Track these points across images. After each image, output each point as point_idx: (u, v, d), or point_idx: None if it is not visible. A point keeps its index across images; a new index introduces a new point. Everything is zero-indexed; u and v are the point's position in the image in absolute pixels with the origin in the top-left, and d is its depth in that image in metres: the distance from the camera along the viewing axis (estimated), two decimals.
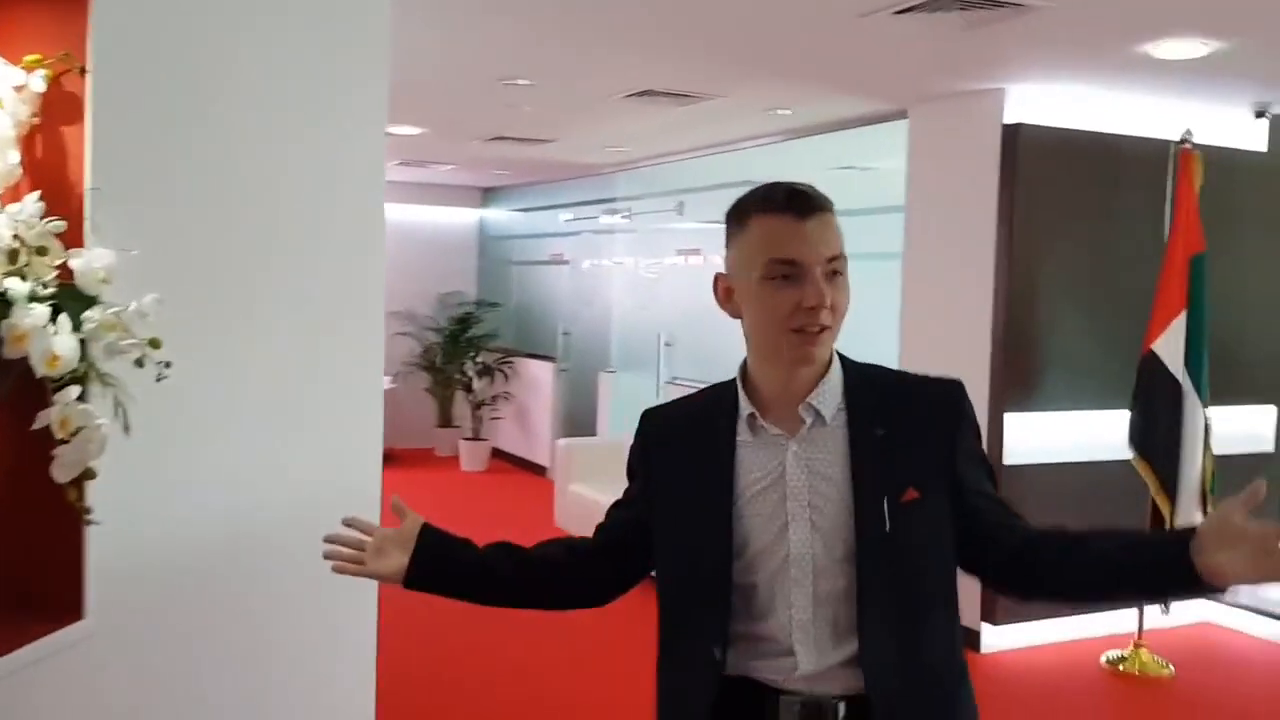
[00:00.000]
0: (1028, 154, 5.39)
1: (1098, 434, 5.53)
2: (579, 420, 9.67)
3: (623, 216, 9.40)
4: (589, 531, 1.83)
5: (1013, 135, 5.40)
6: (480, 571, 1.74)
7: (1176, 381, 5.02)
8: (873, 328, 6.68)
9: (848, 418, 1.58)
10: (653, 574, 1.74)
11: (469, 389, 10.76)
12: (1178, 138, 5.18)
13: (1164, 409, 5.04)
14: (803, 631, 1.55)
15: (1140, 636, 5.28)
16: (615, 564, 1.77)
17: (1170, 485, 5.03)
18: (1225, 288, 5.43)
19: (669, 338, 8.69)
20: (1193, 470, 5.01)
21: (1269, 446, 5.96)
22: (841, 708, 1.53)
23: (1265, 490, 1.43)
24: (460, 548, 1.75)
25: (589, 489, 7.30)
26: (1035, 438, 5.49)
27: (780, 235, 1.52)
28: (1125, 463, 5.34)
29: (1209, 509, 5.17)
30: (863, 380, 1.63)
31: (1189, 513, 5.01)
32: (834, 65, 5.10)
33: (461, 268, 11.91)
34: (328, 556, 1.71)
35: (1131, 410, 5.17)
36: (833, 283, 1.53)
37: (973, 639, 5.53)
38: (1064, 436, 5.55)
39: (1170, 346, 5.02)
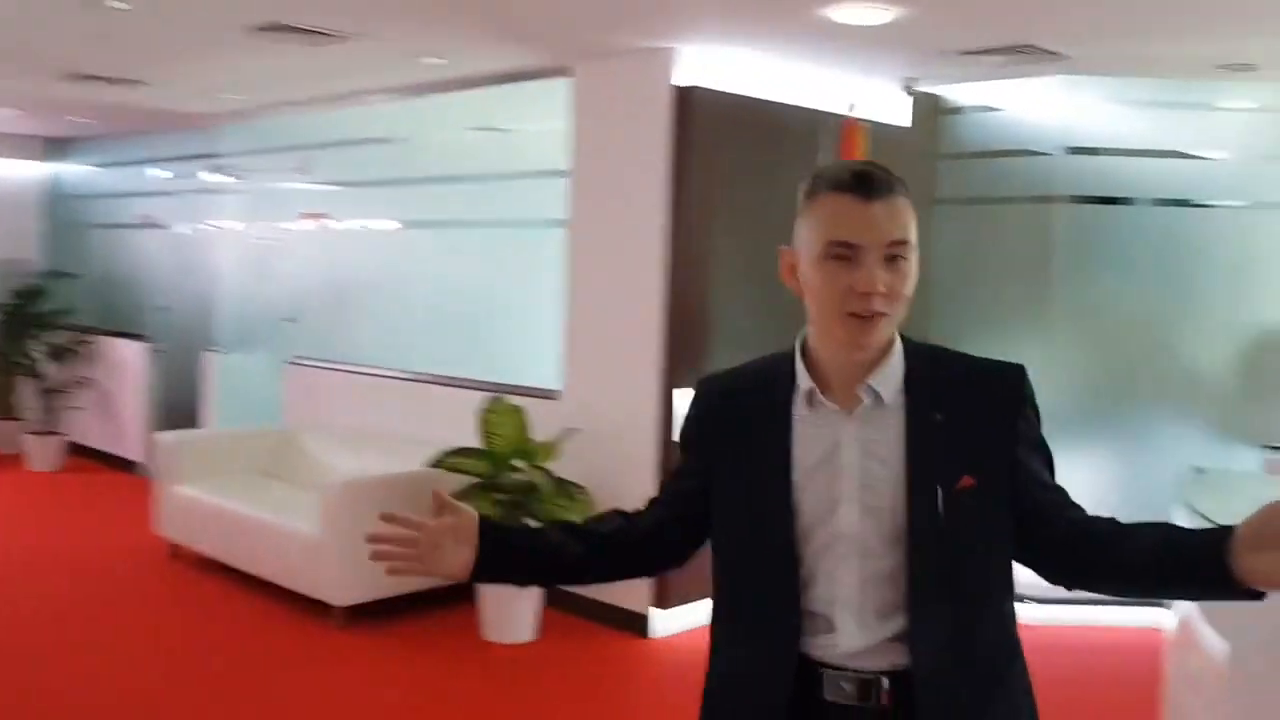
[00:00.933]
0: (700, 119, 5.21)
1: None
2: (179, 409, 8.47)
3: (232, 175, 8.30)
4: (199, 540, 1.33)
5: (685, 98, 5.18)
6: (550, 554, 1.72)
7: None
8: (528, 297, 6.32)
9: (906, 401, 1.57)
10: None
11: (35, 374, 9.13)
12: (843, 109, 5.21)
13: None
14: (846, 609, 1.56)
15: None
16: (683, 530, 1.74)
17: None
18: None
19: (291, 313, 7.78)
20: None
21: None
22: (885, 682, 1.54)
23: None
24: (524, 534, 1.85)
25: (200, 490, 6.28)
26: None
27: (841, 215, 1.51)
28: None
29: None
30: (924, 363, 1.61)
31: None
32: (494, 9, 4.61)
33: (21, 231, 10.13)
34: (376, 557, 1.63)
35: None
36: (893, 267, 1.51)
37: (639, 623, 5.32)
38: None
39: None
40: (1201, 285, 5.82)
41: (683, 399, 5.05)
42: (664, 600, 5.31)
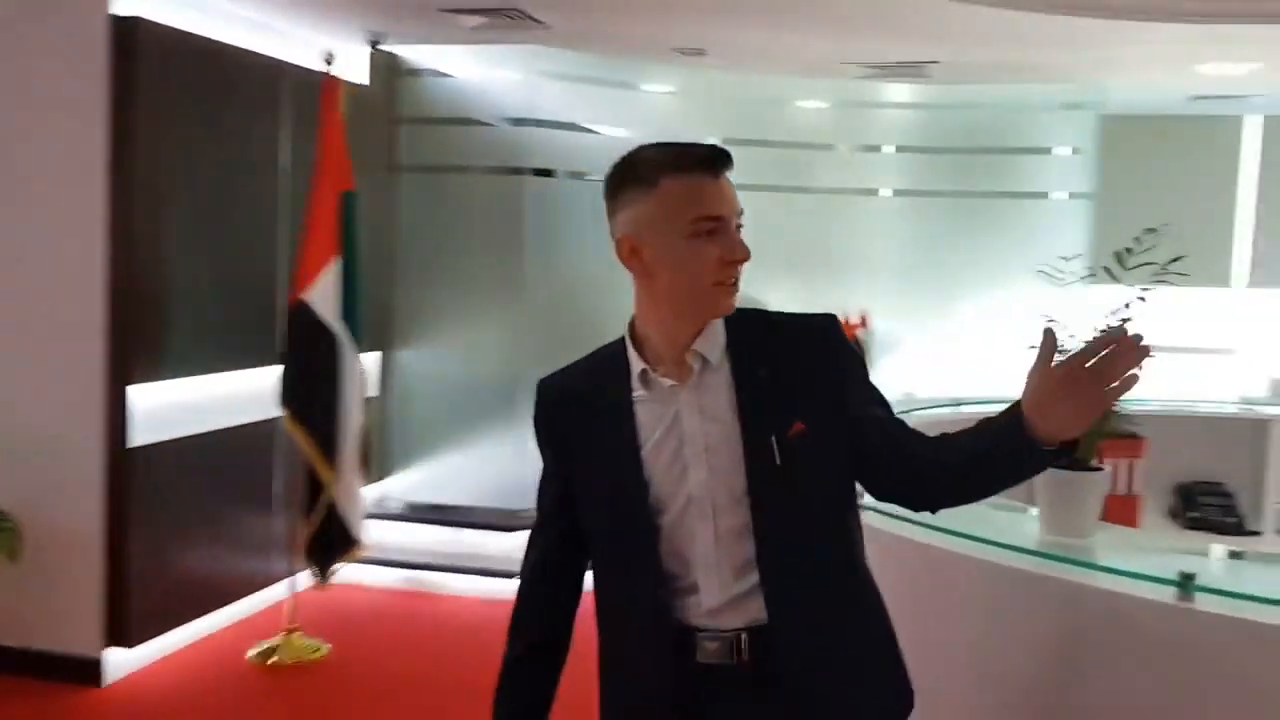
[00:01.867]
0: (148, 59, 4.34)
1: (235, 397, 4.86)
2: None
3: None
4: None
5: (128, 33, 4.28)
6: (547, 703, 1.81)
7: (331, 332, 4.56)
8: None
9: (731, 362, 1.66)
10: None
11: None
12: (317, 61, 4.67)
13: (319, 363, 4.57)
14: (706, 568, 1.64)
15: (292, 621, 4.76)
16: (578, 538, 1.77)
17: (329, 444, 4.58)
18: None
19: None
20: (352, 425, 4.63)
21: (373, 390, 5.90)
22: (744, 637, 1.63)
23: (1054, 335, 1.49)
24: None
25: None
26: (167, 411, 4.54)
27: (702, 194, 1.59)
28: (271, 423, 4.80)
29: (370, 466, 4.90)
30: (741, 324, 1.69)
31: (349, 471, 4.64)
32: None
33: None
34: None
35: (283, 366, 4.57)
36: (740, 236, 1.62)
37: (89, 671, 4.39)
38: (200, 404, 4.72)
39: (323, 294, 4.53)
40: None
41: (142, 397, 4.31)
42: (123, 636, 4.42)
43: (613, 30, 5.19)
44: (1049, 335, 1.49)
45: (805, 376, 1.67)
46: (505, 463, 5.78)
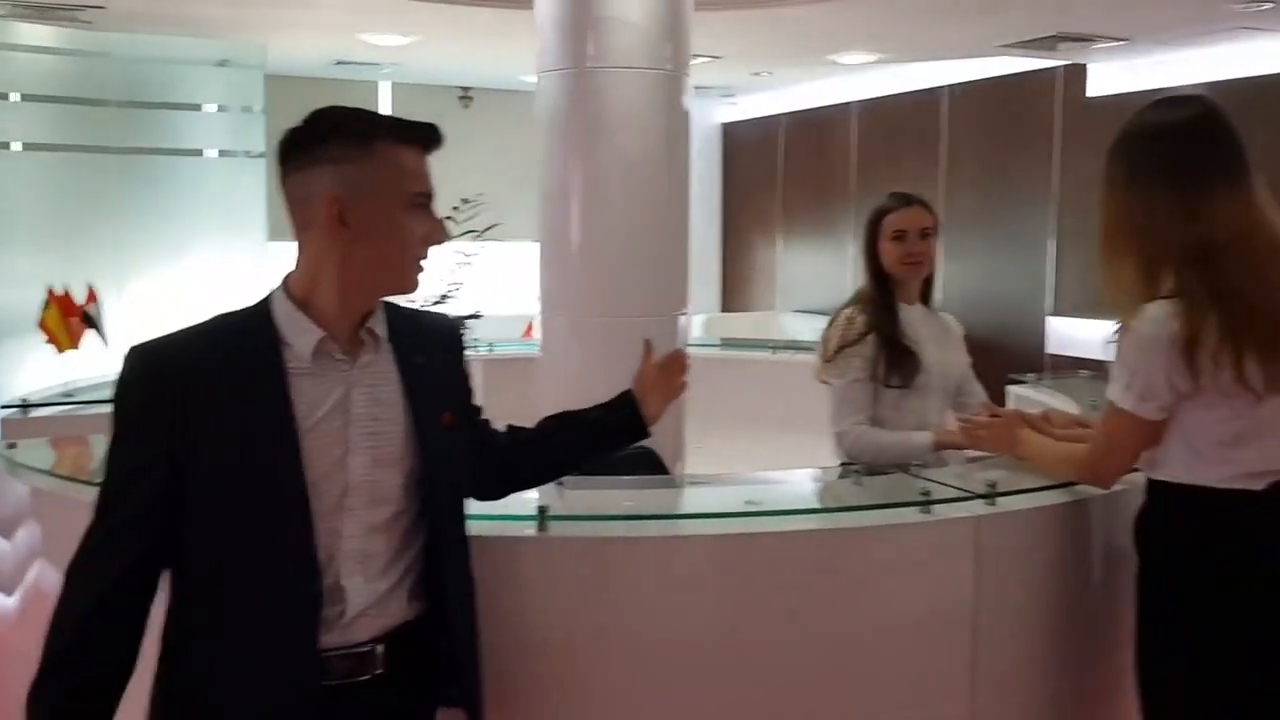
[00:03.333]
0: None
1: None
2: None
3: None
4: None
5: None
6: None
7: None
8: None
9: (394, 348, 1.63)
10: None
11: None
12: None
13: None
14: (352, 564, 1.55)
15: None
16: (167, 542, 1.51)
17: None
18: None
19: None
20: None
21: None
22: (379, 649, 1.56)
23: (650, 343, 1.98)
24: None
25: None
26: None
27: (419, 168, 1.58)
28: None
29: None
30: (394, 310, 1.66)
31: None
32: None
33: None
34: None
35: None
36: None
37: None
38: None
39: None
40: None
41: None
42: None
43: None
44: (648, 344, 1.95)
45: (448, 370, 1.71)
46: None
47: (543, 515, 2.09)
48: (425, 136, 1.59)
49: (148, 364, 1.53)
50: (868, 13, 5.50)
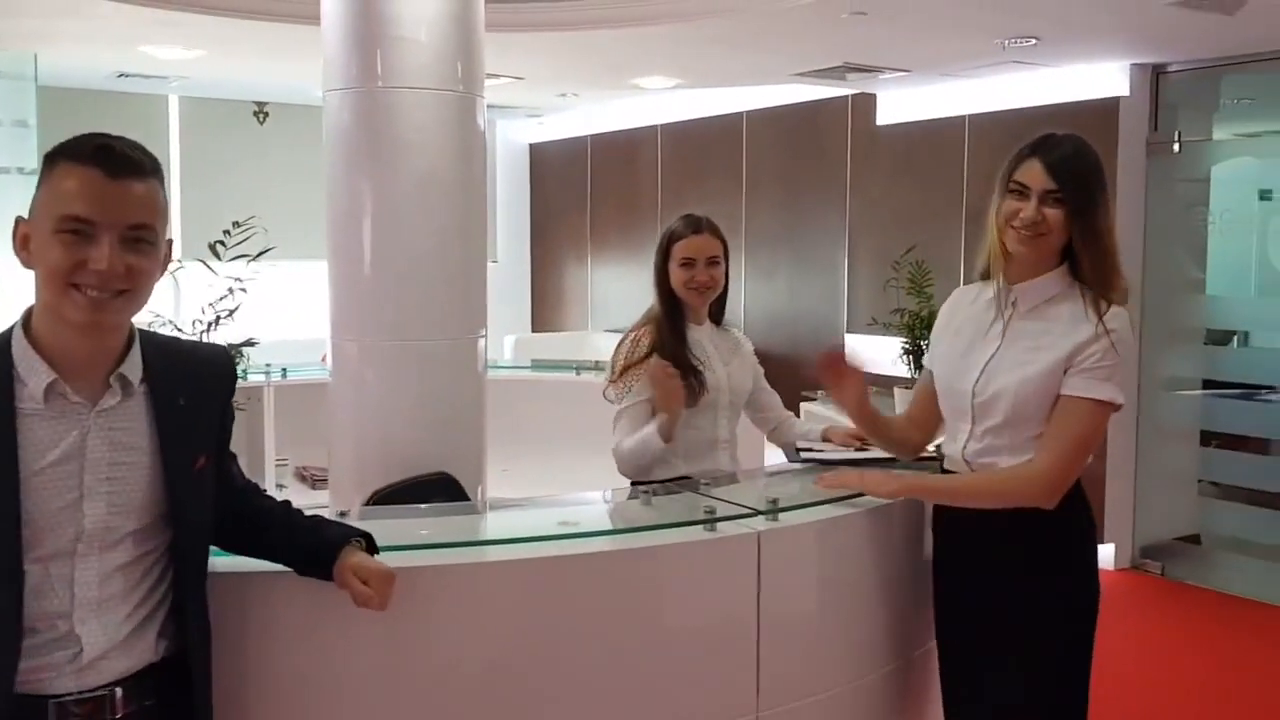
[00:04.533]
0: None
1: None
2: None
3: None
4: None
5: None
6: None
7: None
8: None
9: (149, 387, 1.56)
10: None
11: None
12: None
13: None
14: (87, 609, 1.50)
15: None
16: None
17: None
18: None
19: None
20: None
21: None
22: (119, 693, 1.52)
23: None
24: None
25: None
26: None
27: (81, 190, 1.45)
28: None
29: None
30: (156, 348, 1.60)
31: None
32: None
33: None
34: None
35: None
36: (134, 250, 1.47)
37: None
38: None
39: None
40: None
41: None
42: None
43: None
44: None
45: (207, 410, 1.64)
46: None
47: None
48: (96, 156, 1.46)
49: None
50: (663, 40, 5.60)
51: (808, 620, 2.28)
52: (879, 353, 4.13)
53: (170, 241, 1.57)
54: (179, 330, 2.02)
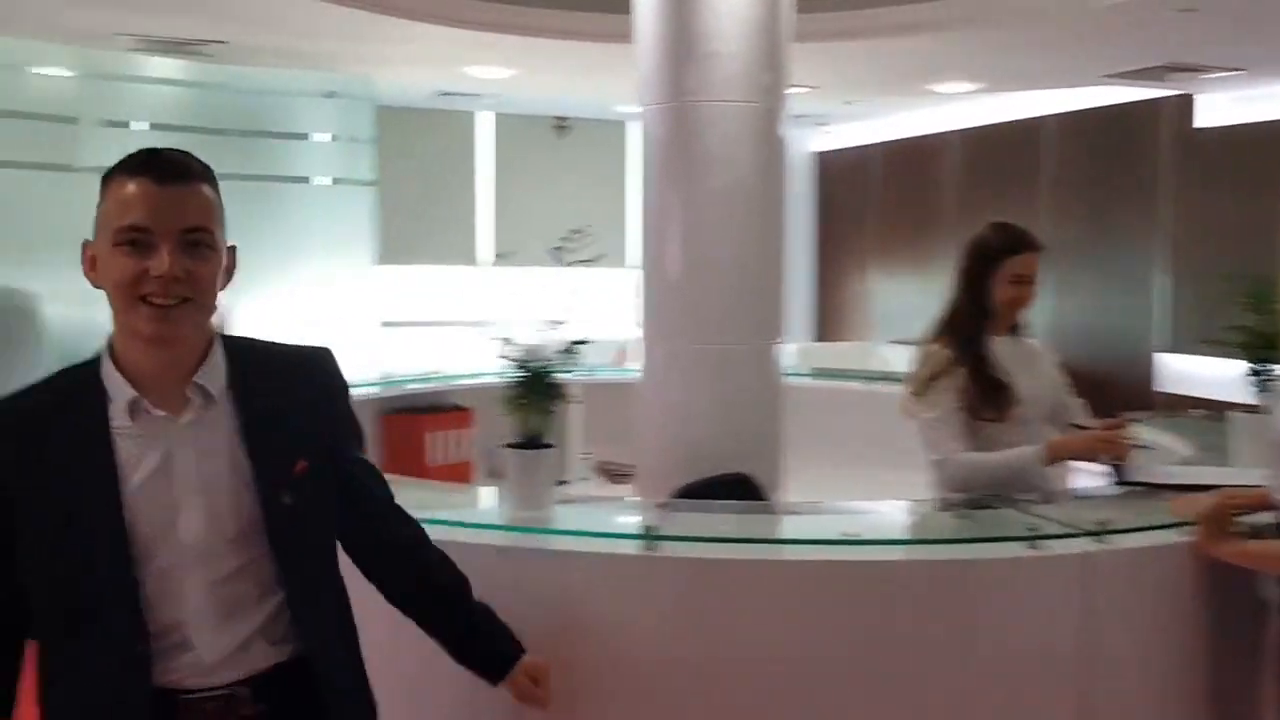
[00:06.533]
0: None
1: None
2: None
3: None
4: None
5: None
6: None
7: None
8: None
9: (234, 394, 1.55)
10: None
11: None
12: None
13: None
14: (200, 619, 1.51)
15: None
16: (16, 604, 1.52)
17: None
18: None
19: None
20: None
21: None
22: (243, 692, 1.53)
23: None
24: None
25: None
26: None
27: (136, 200, 1.45)
28: None
29: None
30: (242, 354, 1.59)
31: None
32: None
33: None
34: None
35: None
36: (193, 255, 1.47)
37: None
38: None
39: None
40: None
41: None
42: None
43: None
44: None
45: (306, 412, 1.61)
46: None
47: (649, 534, 2.14)
48: (145, 166, 1.45)
49: None
50: (968, 43, 5.46)
51: (1134, 654, 2.16)
52: (1211, 373, 3.84)
53: (233, 248, 1.54)
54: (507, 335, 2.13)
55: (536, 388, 2.28)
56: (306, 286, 6.79)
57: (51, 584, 1.50)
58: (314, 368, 1.66)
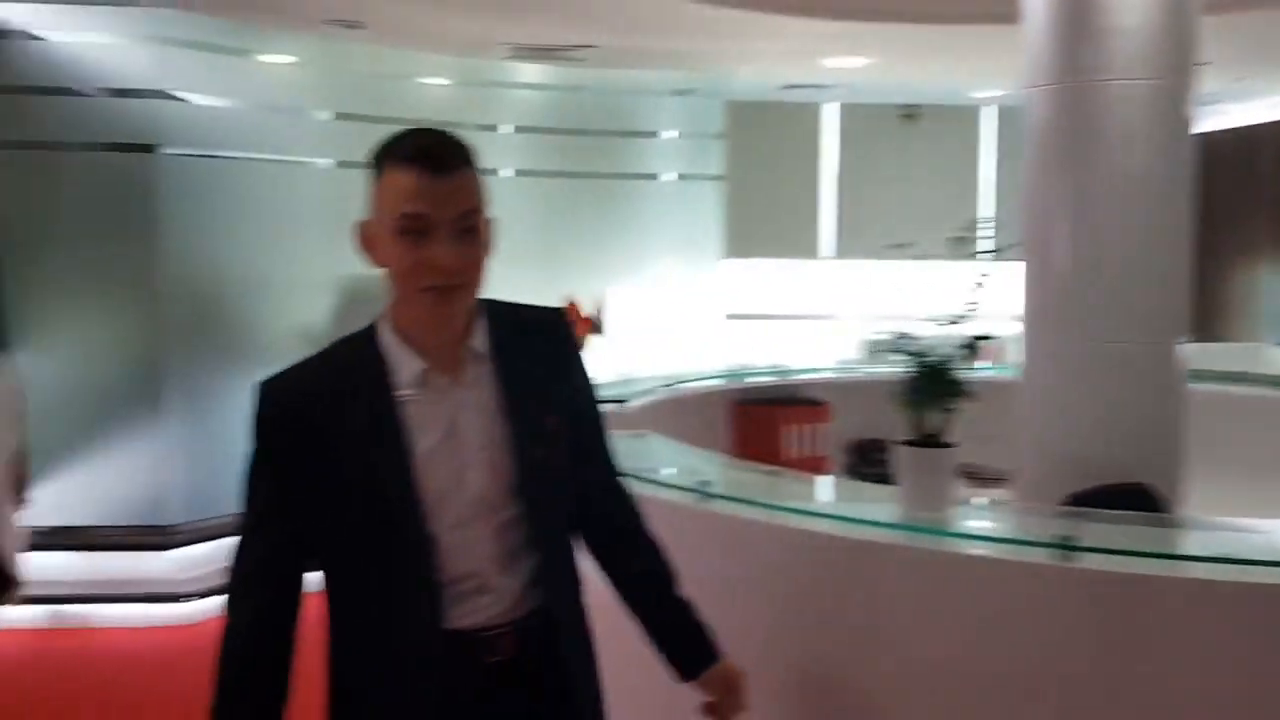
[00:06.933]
0: None
1: None
2: None
3: None
4: None
5: None
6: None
7: None
8: None
9: (495, 354, 1.63)
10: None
11: None
12: None
13: None
14: (492, 564, 1.60)
15: None
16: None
17: None
18: None
19: None
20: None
21: None
22: (532, 626, 1.62)
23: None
24: None
25: None
26: None
27: (412, 188, 1.50)
28: None
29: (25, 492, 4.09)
30: (497, 315, 1.66)
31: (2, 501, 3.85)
32: None
33: None
34: None
35: None
36: (466, 239, 1.53)
37: None
38: None
39: None
40: (301, 240, 5.73)
41: None
42: None
43: None
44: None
45: (551, 369, 1.68)
46: (145, 474, 5.11)
47: (1066, 545, 2.00)
48: (419, 156, 1.50)
49: (267, 397, 1.59)
50: None
51: None
52: None
53: (490, 221, 1.59)
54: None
55: (935, 384, 2.20)
56: (656, 280, 7.00)
57: (350, 548, 1.58)
58: (554, 326, 1.74)
